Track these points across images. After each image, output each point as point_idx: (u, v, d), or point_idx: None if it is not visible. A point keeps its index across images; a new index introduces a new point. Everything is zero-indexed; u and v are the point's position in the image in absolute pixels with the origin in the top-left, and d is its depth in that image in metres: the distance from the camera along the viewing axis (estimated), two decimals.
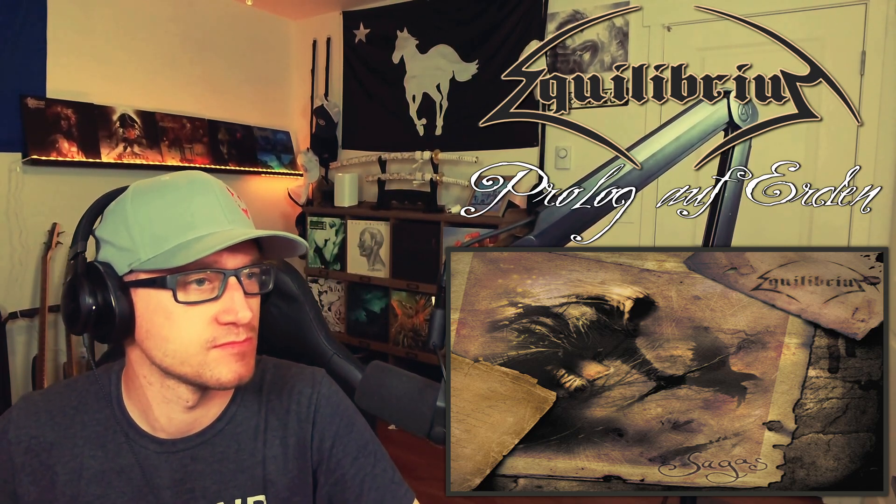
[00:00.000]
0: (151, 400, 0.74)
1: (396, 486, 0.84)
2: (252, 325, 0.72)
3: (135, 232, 0.68)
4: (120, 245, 0.69)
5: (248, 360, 0.72)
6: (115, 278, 0.69)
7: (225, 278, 0.69)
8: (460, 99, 3.43)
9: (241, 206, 0.75)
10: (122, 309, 0.68)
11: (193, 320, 0.68)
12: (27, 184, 2.75)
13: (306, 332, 1.11)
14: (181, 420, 0.76)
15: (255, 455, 0.79)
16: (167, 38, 3.32)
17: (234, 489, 0.78)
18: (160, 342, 0.69)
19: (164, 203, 0.70)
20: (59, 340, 2.82)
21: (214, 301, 0.69)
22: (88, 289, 0.68)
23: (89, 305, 0.68)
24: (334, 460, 0.82)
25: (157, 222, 0.68)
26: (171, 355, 0.69)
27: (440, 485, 0.84)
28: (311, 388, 0.84)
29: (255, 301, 0.74)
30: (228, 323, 0.69)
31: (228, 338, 0.69)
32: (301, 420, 0.82)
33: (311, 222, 3.69)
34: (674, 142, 0.91)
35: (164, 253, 0.67)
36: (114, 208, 0.72)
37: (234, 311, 0.69)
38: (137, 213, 0.69)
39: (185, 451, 0.76)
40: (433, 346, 0.84)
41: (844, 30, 2.44)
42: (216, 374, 0.69)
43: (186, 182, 0.72)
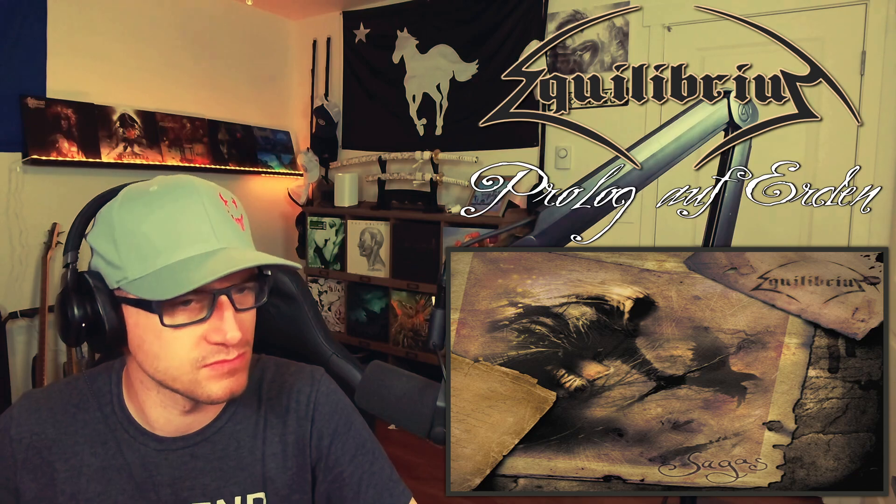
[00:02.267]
0: (149, 403, 0.75)
1: (394, 484, 0.84)
2: (245, 340, 0.71)
3: (121, 247, 0.67)
4: (108, 259, 0.68)
5: (239, 375, 0.71)
6: (105, 292, 0.68)
7: (213, 298, 0.67)
8: (460, 99, 3.43)
9: (234, 216, 0.73)
10: (111, 324, 0.68)
11: (182, 340, 0.67)
12: (27, 184, 2.75)
13: (305, 332, 1.11)
14: (179, 422, 0.76)
15: (254, 453, 0.80)
16: (167, 38, 3.32)
17: (233, 486, 0.78)
18: (151, 359, 0.69)
19: (149, 216, 0.67)
20: (59, 340, 2.82)
21: (203, 322, 0.67)
22: (78, 302, 0.68)
23: (79, 320, 0.68)
24: (332, 458, 0.82)
25: (143, 238, 0.67)
26: (161, 371, 0.69)
27: (440, 485, 0.84)
28: (310, 386, 0.85)
29: (249, 315, 0.73)
30: (218, 343, 0.68)
31: (218, 357, 0.69)
32: (300, 418, 0.82)
33: (311, 222, 3.69)
34: (674, 142, 0.91)
35: (151, 276, 0.66)
36: (103, 215, 0.70)
37: (224, 331, 0.67)
38: (124, 225, 0.67)
39: (184, 449, 0.77)
40: (433, 346, 0.84)
41: (844, 30, 2.44)
42: (207, 392, 0.69)
43: (174, 192, 0.69)
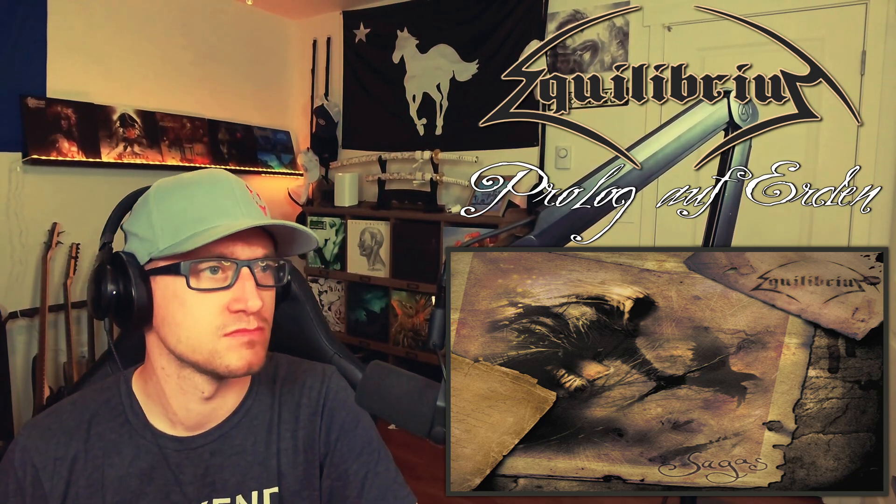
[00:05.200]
0: (169, 391, 0.75)
1: (399, 487, 0.84)
2: (263, 315, 0.74)
3: (155, 223, 0.72)
4: (142, 236, 0.73)
5: (258, 348, 0.73)
6: (137, 267, 0.72)
7: (238, 268, 0.71)
8: (460, 99, 3.43)
9: (259, 203, 0.78)
10: (140, 297, 0.71)
11: (205, 307, 0.70)
12: (27, 184, 2.75)
13: (307, 331, 1.11)
14: (199, 412, 0.77)
15: (269, 448, 0.81)
16: (167, 38, 3.32)
17: (251, 481, 0.79)
18: (174, 328, 0.71)
19: (183, 197, 0.73)
20: (60, 340, 2.82)
21: (226, 290, 0.71)
22: (111, 277, 0.72)
23: (111, 292, 0.71)
24: (338, 454, 0.83)
25: (177, 214, 0.72)
26: (184, 341, 0.71)
27: (440, 485, 0.84)
28: (320, 382, 0.87)
29: (269, 293, 0.76)
30: (239, 311, 0.71)
31: (239, 325, 0.71)
32: (311, 414, 0.84)
33: (311, 222, 3.69)
34: (674, 142, 0.91)
35: (180, 242, 0.70)
36: (140, 203, 0.76)
37: (245, 299, 0.70)
38: (159, 205, 0.73)
39: (204, 447, 0.78)
40: (433, 346, 0.84)
41: (844, 30, 2.44)
42: (226, 362, 0.71)
43: (206, 179, 0.75)
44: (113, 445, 0.75)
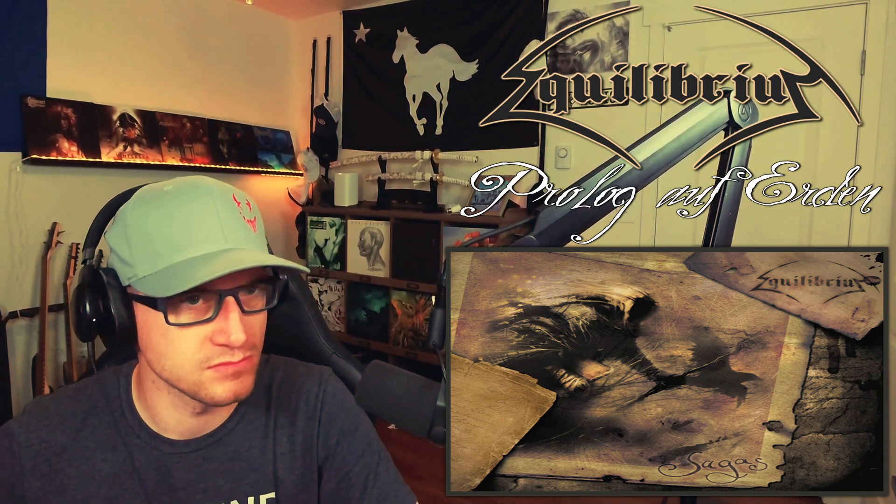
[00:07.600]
0: (160, 404, 0.74)
1: (399, 486, 0.84)
2: (251, 343, 0.70)
3: (133, 245, 0.68)
4: (122, 257, 0.69)
5: (244, 378, 0.70)
6: (118, 289, 0.69)
7: (220, 298, 0.67)
8: (460, 99, 3.43)
9: (246, 218, 0.73)
10: (122, 320, 0.68)
11: (187, 340, 0.67)
12: (27, 183, 2.75)
13: (305, 331, 1.11)
14: (190, 423, 0.76)
15: (265, 453, 0.80)
16: (167, 38, 3.32)
17: (246, 487, 0.78)
18: (158, 357, 0.69)
19: (161, 216, 0.67)
20: (59, 340, 2.82)
21: (208, 322, 0.67)
22: (91, 299, 0.69)
23: (91, 316, 0.68)
24: (339, 457, 0.83)
25: (154, 237, 0.67)
26: (168, 370, 0.69)
27: (440, 485, 0.84)
28: (317, 386, 0.85)
29: (259, 318, 0.72)
30: (222, 344, 0.67)
31: (223, 358, 0.68)
32: (308, 418, 0.83)
33: (311, 222, 3.69)
34: (674, 142, 0.91)
35: (157, 273, 0.66)
36: (119, 214, 0.71)
37: (228, 332, 0.67)
38: (136, 224, 0.68)
39: (197, 452, 0.77)
40: (433, 346, 0.84)
41: (844, 30, 2.44)
42: (211, 393, 0.69)
43: (187, 193, 0.69)
44: (108, 440, 0.74)
